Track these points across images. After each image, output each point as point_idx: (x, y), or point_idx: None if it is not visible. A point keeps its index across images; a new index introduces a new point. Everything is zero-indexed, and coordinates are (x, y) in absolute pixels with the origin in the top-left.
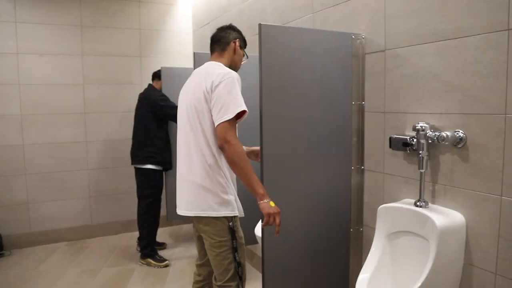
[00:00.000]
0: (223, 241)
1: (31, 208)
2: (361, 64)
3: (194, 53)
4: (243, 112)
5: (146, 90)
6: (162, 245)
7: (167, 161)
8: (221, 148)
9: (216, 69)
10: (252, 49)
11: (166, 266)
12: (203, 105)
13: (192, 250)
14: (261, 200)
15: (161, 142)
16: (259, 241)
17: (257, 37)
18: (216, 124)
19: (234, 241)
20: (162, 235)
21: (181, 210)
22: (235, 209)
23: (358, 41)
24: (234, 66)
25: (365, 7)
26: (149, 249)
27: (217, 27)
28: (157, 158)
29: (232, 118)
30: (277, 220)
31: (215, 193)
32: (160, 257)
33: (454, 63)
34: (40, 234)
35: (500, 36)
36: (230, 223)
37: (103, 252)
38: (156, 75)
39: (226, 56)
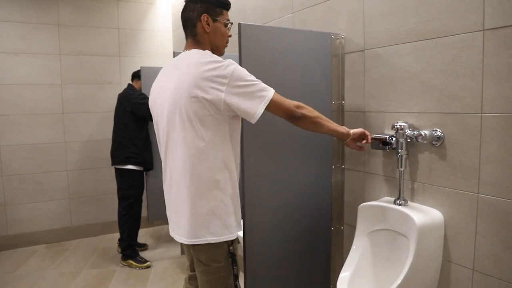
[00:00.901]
0: (220, 267)
1: (8, 211)
2: (341, 63)
3: (174, 52)
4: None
5: (125, 90)
6: (144, 246)
7: (148, 161)
8: (297, 118)
9: (206, 64)
10: (232, 48)
11: (148, 267)
12: (196, 107)
13: (174, 251)
14: (349, 133)
15: (141, 142)
16: (241, 240)
17: (237, 36)
18: (260, 112)
19: (235, 267)
20: (143, 236)
21: (175, 234)
22: (235, 230)
23: (338, 40)
24: (216, 47)
25: (344, 7)
26: (130, 250)
27: None
28: (137, 159)
29: (273, 93)
30: (368, 138)
31: (218, 214)
32: (142, 258)
33: (432, 63)
34: (18, 237)
35: (475, 37)
36: (230, 247)
37: (83, 254)
38: (136, 75)
39: (203, 41)
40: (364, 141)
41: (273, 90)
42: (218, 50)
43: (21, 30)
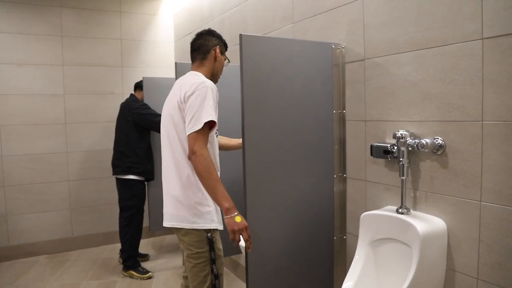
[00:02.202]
0: (201, 253)
1: (9, 221)
2: (342, 73)
3: (176, 63)
4: (214, 123)
5: (127, 100)
6: (145, 257)
7: (149, 171)
8: (189, 159)
9: (191, 79)
10: (233, 59)
11: (149, 278)
12: (178, 115)
13: (175, 262)
14: (226, 215)
15: (143, 152)
16: (243, 251)
17: (238, 47)
18: (187, 134)
19: (212, 252)
20: (145, 246)
21: (164, 222)
22: (214, 222)
23: (338, 50)
24: (215, 73)
25: (344, 17)
26: (131, 261)
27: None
28: (138, 169)
29: (201, 129)
30: (245, 235)
31: (190, 205)
32: (143, 269)
33: (431, 72)
34: (19, 248)
35: (474, 45)
36: (208, 234)
37: (84, 265)
38: (138, 86)
39: (207, 65)
40: (236, 240)
41: (202, 125)
42: (216, 76)
43: (24, 41)
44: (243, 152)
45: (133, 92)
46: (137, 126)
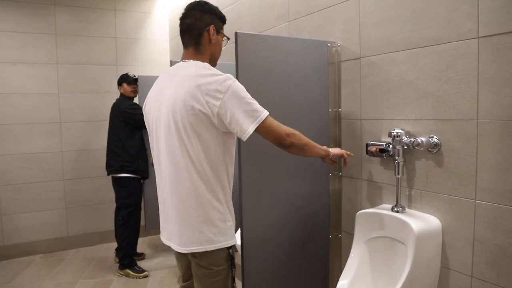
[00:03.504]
0: (221, 270)
1: (4, 220)
2: (337, 71)
3: (171, 61)
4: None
5: (118, 99)
6: (141, 256)
7: (141, 169)
8: (286, 146)
9: (208, 76)
10: (229, 57)
11: (145, 277)
12: (200, 123)
13: (171, 261)
14: (328, 154)
15: (135, 151)
16: (239, 249)
17: (233, 45)
18: (251, 132)
19: (233, 269)
20: (140, 245)
21: (170, 243)
22: (233, 236)
23: (334, 49)
24: (213, 58)
25: (340, 15)
26: (128, 259)
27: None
28: (130, 167)
29: (266, 115)
30: (346, 151)
31: (212, 222)
32: (139, 267)
33: (427, 70)
34: (14, 247)
35: (470, 44)
36: (230, 251)
37: (80, 264)
38: (120, 80)
39: (204, 51)
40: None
41: (267, 113)
42: (215, 61)
43: (19, 39)
44: (238, 150)
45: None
46: (128, 125)
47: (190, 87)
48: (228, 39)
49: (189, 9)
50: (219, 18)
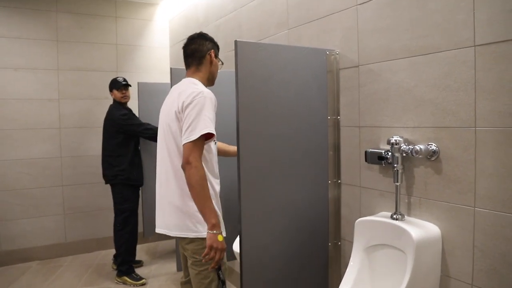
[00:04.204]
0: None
1: (1, 226)
2: (336, 79)
3: (171, 68)
4: (212, 134)
5: (110, 106)
6: (139, 263)
7: (134, 178)
8: (182, 168)
9: (189, 87)
10: (228, 65)
11: (143, 284)
12: (176, 125)
13: (169, 268)
14: (211, 230)
15: (127, 160)
16: (238, 257)
17: (233, 53)
18: (182, 143)
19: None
20: (138, 252)
21: (160, 229)
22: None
23: (333, 57)
24: (212, 78)
25: (339, 24)
26: (125, 266)
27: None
28: (123, 176)
29: (197, 139)
30: (217, 257)
31: (192, 214)
32: (137, 275)
33: (425, 78)
34: (11, 253)
35: (467, 52)
36: None
37: (78, 271)
38: (111, 86)
39: (203, 70)
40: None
41: (198, 136)
42: (213, 79)
43: (20, 45)
44: (238, 158)
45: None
46: (120, 134)
47: (175, 96)
48: (222, 63)
49: (192, 38)
50: (216, 46)
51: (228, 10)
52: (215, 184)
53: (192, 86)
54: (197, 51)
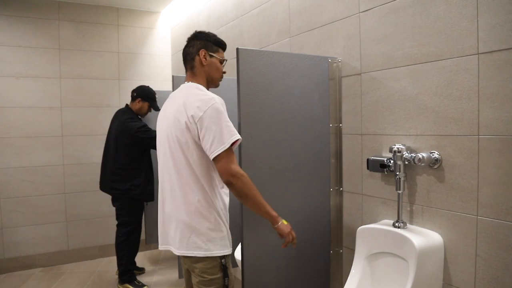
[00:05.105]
0: (214, 279)
1: (5, 234)
2: (338, 87)
3: (173, 76)
4: (236, 140)
5: (122, 116)
6: (141, 270)
7: (148, 193)
8: (228, 183)
9: (195, 95)
10: (230, 73)
11: None
12: (186, 136)
13: (171, 275)
14: (276, 222)
15: (144, 174)
16: (239, 264)
17: (235, 61)
18: (211, 158)
19: (226, 279)
20: (140, 259)
21: (166, 246)
22: (227, 247)
23: (335, 64)
24: (211, 79)
25: (341, 31)
26: (128, 274)
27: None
28: (136, 191)
29: (228, 148)
30: (293, 237)
31: (203, 232)
32: (139, 282)
33: (427, 86)
34: (14, 260)
35: (470, 60)
36: (223, 260)
37: (80, 278)
38: (141, 95)
39: (198, 73)
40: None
41: (229, 145)
42: (213, 82)
43: (22, 54)
44: (240, 166)
45: (128, 103)
46: (135, 147)
47: (180, 104)
48: (226, 60)
49: (188, 40)
50: (213, 43)
51: (229, 18)
52: (224, 196)
53: (197, 91)
54: (188, 54)
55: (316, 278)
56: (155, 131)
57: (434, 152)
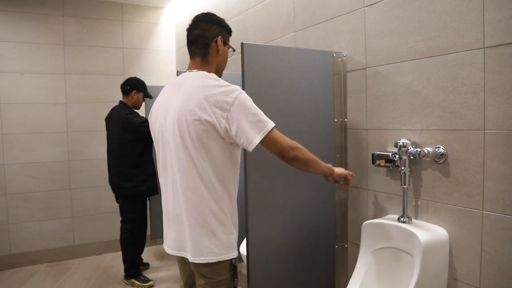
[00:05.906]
0: (222, 280)
1: (11, 229)
2: (343, 81)
3: (177, 71)
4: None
5: (120, 111)
6: (146, 265)
7: (154, 187)
8: (293, 159)
9: (216, 87)
10: (235, 68)
11: (151, 286)
12: (206, 133)
13: (176, 270)
14: (335, 171)
15: (150, 169)
16: (244, 259)
17: (239, 56)
18: (257, 142)
19: (235, 279)
20: (146, 254)
21: (178, 252)
22: (235, 249)
23: (340, 59)
24: (220, 69)
25: (346, 26)
26: (133, 270)
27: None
28: (142, 186)
29: (272, 129)
30: (350, 176)
31: (215, 235)
32: (144, 277)
33: (433, 80)
34: (21, 256)
35: (476, 54)
36: (233, 261)
37: (86, 273)
38: (135, 87)
39: (211, 62)
40: (343, 183)
41: (273, 124)
42: (221, 71)
43: (27, 50)
44: (244, 160)
45: (122, 99)
46: (140, 142)
47: (198, 98)
48: (234, 50)
49: (197, 20)
50: (226, 30)
51: (233, 13)
52: (235, 185)
53: (216, 83)
54: (202, 37)
55: (321, 273)
56: None
57: (440, 147)
